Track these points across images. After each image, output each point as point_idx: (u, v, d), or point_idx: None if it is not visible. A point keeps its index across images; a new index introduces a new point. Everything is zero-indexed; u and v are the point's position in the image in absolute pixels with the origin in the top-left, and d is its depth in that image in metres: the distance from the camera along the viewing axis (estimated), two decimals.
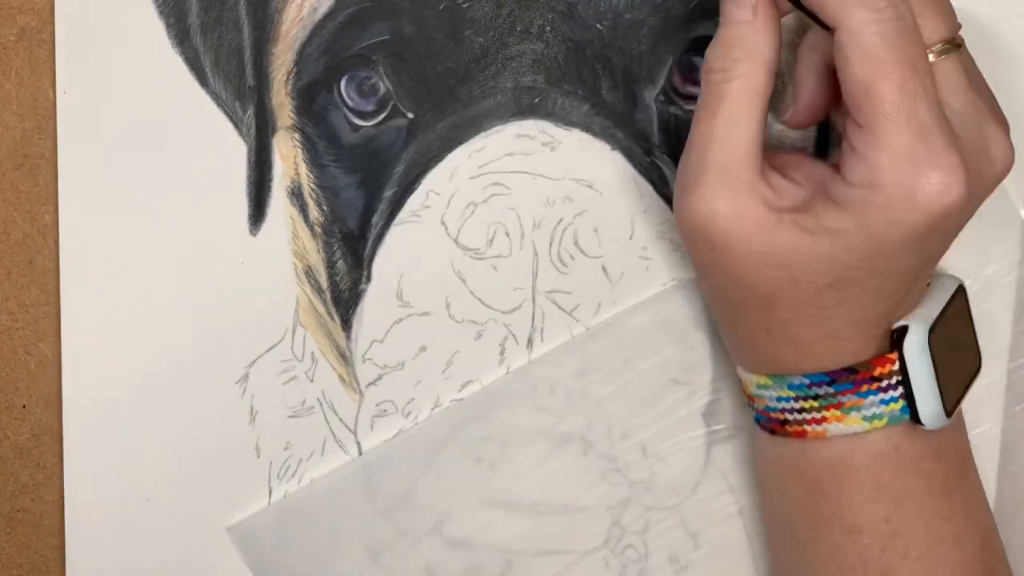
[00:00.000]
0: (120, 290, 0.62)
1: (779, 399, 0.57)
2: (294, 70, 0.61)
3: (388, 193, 0.62)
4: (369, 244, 0.62)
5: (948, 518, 0.57)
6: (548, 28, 0.60)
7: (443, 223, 0.62)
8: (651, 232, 0.63)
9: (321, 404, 0.64)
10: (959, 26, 0.55)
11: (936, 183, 0.51)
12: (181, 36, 0.60)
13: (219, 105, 0.61)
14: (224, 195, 0.62)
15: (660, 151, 0.62)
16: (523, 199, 0.62)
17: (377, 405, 0.64)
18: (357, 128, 0.62)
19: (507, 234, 0.62)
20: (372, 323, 0.63)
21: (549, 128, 0.61)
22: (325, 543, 0.65)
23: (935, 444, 0.57)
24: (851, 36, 0.51)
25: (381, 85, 0.61)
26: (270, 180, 0.62)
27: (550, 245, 0.62)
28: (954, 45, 0.54)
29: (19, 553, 0.65)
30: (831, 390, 0.55)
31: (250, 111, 0.61)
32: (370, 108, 0.61)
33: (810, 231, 0.53)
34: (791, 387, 0.56)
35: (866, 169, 0.52)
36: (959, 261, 0.62)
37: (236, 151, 0.61)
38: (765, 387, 0.57)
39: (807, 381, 0.56)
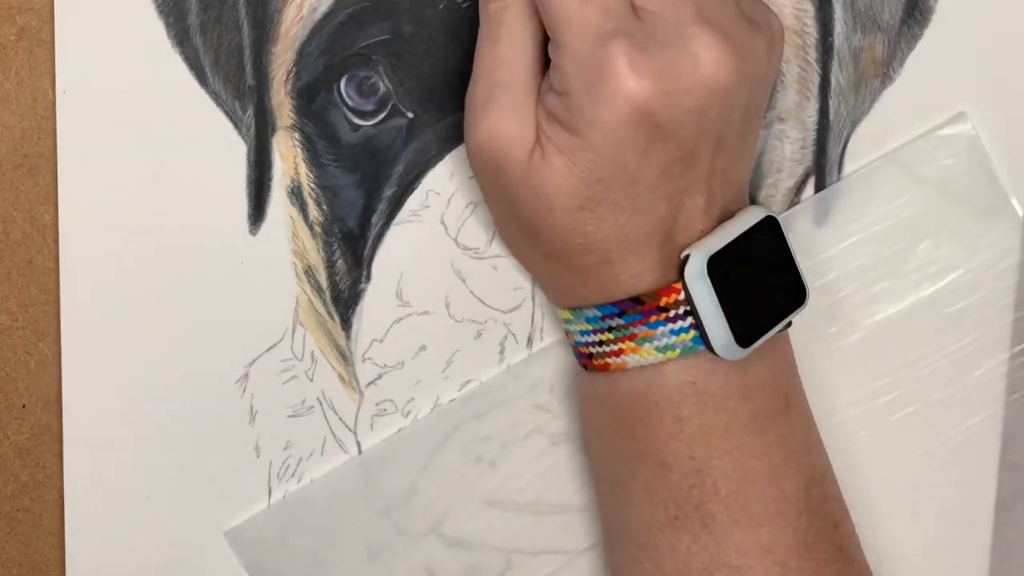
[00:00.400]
0: (120, 290, 0.62)
1: (582, 332, 0.57)
2: (294, 70, 0.61)
3: (388, 193, 0.62)
4: (369, 243, 0.62)
5: (761, 456, 0.56)
6: None
7: (443, 223, 0.62)
8: None
9: (321, 404, 0.64)
10: None
11: (610, 74, 0.52)
12: (181, 35, 0.60)
13: (219, 105, 0.61)
14: (224, 195, 0.62)
15: None
16: None
17: (377, 404, 0.64)
18: (357, 128, 0.62)
19: None
20: (372, 322, 0.63)
21: None
22: (324, 543, 0.65)
23: (741, 381, 0.56)
24: None
25: (381, 85, 0.61)
26: (270, 180, 0.62)
27: None
28: None
29: (19, 553, 0.65)
30: (622, 321, 0.56)
31: (250, 111, 0.61)
32: (370, 108, 0.61)
33: (548, 152, 0.54)
34: (587, 319, 0.57)
35: (558, 76, 0.54)
36: (949, 251, 0.62)
37: (236, 151, 0.61)
38: (569, 322, 0.58)
39: (599, 313, 0.56)
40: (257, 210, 0.62)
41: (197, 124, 0.61)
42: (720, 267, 0.55)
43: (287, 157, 0.62)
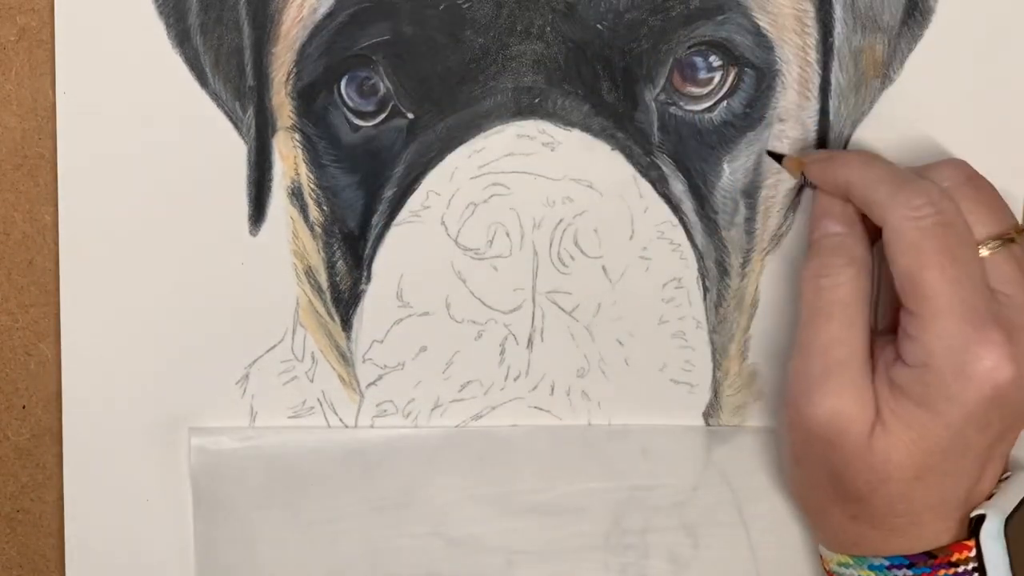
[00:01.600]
0: (120, 290, 0.62)
1: None
2: (294, 70, 0.61)
3: (388, 193, 0.62)
4: (369, 244, 0.62)
5: None
6: (548, 28, 0.60)
7: (443, 223, 0.62)
8: (651, 232, 0.63)
9: (321, 404, 0.64)
10: (1013, 223, 0.59)
11: (983, 359, 0.55)
12: (181, 36, 0.60)
13: (219, 105, 0.61)
14: (224, 195, 0.62)
15: (660, 151, 0.62)
16: (523, 199, 0.62)
17: (377, 405, 0.64)
18: (357, 128, 0.62)
19: (507, 234, 0.62)
20: (372, 323, 0.63)
21: (549, 128, 0.61)
22: (323, 543, 0.65)
23: None
24: (895, 232, 0.56)
25: (381, 85, 0.61)
26: (270, 180, 0.62)
27: (550, 245, 0.62)
28: (1006, 240, 0.58)
29: (19, 553, 0.65)
30: (910, 573, 0.58)
31: (250, 111, 0.61)
32: (370, 108, 0.61)
33: (893, 430, 0.56)
34: (871, 567, 0.59)
35: (920, 351, 0.56)
36: None
37: (236, 151, 0.61)
38: (846, 566, 0.60)
39: (887, 563, 0.58)
40: (257, 211, 0.62)
41: (197, 125, 0.61)
42: (1007, 526, 0.58)
43: (287, 158, 0.62)
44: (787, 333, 0.64)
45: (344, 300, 0.63)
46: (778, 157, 0.62)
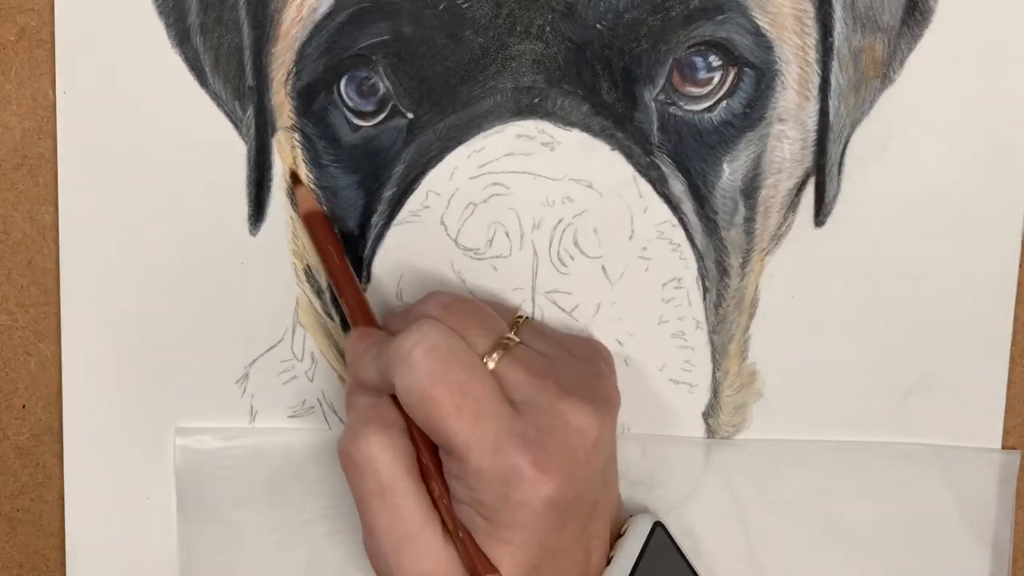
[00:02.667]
0: (120, 290, 0.62)
1: None
2: (294, 70, 0.61)
3: (388, 193, 0.62)
4: (369, 244, 0.62)
5: None
6: (548, 28, 0.60)
7: (443, 223, 0.62)
8: (651, 232, 0.62)
9: (321, 404, 0.64)
10: (506, 325, 0.58)
11: (522, 481, 0.54)
12: (181, 36, 0.60)
13: (219, 105, 0.61)
14: (224, 195, 0.62)
15: (660, 151, 0.62)
16: (523, 199, 0.62)
17: None
18: (357, 128, 0.62)
19: (507, 234, 0.62)
20: None
21: (549, 128, 0.61)
22: (293, 521, 0.65)
23: None
24: (401, 387, 0.55)
25: (381, 85, 0.61)
26: (270, 180, 0.62)
27: (550, 245, 0.62)
28: (504, 345, 0.57)
29: (19, 552, 0.65)
30: None
31: (250, 111, 0.61)
32: (370, 108, 0.61)
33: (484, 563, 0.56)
34: None
35: (467, 490, 0.55)
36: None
37: (236, 151, 0.62)
38: None
39: None
40: (257, 211, 0.62)
41: (197, 125, 0.61)
42: None
43: (287, 158, 0.62)
44: (787, 333, 0.64)
45: None
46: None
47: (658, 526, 0.61)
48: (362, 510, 0.57)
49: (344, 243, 0.62)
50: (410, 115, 0.61)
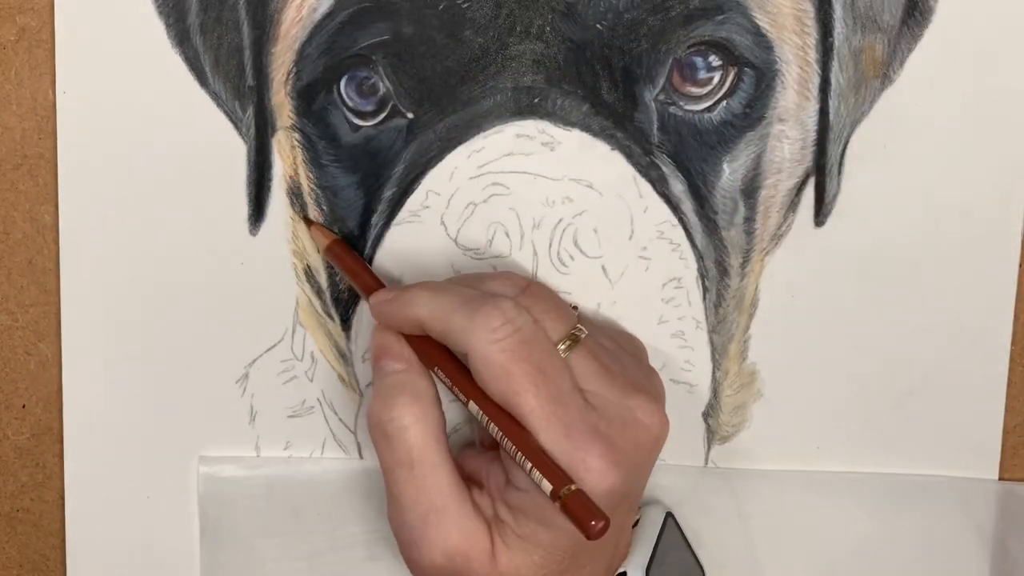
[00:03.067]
0: (119, 290, 0.62)
1: None
2: (294, 70, 0.61)
3: (388, 193, 0.62)
4: (369, 244, 0.62)
5: None
6: (548, 28, 0.60)
7: (443, 223, 0.62)
8: (650, 232, 0.62)
9: (321, 404, 0.64)
10: (575, 317, 0.58)
11: (589, 471, 0.54)
12: (181, 36, 0.60)
13: (219, 105, 0.61)
14: (224, 195, 0.62)
15: (660, 151, 0.62)
16: (523, 199, 0.62)
17: None
18: (357, 128, 0.62)
19: (507, 234, 0.62)
20: (372, 323, 0.63)
21: (549, 128, 0.61)
22: (318, 550, 0.65)
23: None
24: (481, 360, 0.55)
25: (381, 85, 0.61)
26: (270, 180, 0.62)
27: (550, 245, 0.62)
28: (576, 337, 0.57)
29: (19, 553, 0.65)
30: None
31: (250, 111, 0.61)
32: (370, 108, 0.61)
33: (517, 547, 0.56)
34: None
35: (527, 475, 0.55)
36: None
37: (236, 151, 0.61)
38: None
39: None
40: (257, 211, 0.62)
41: (197, 125, 0.61)
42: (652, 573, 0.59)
43: (287, 158, 0.62)
44: (787, 333, 0.64)
45: (343, 300, 0.63)
46: (308, 223, 0.61)
47: (669, 516, 0.62)
48: (389, 480, 0.57)
49: (344, 242, 0.62)
50: (410, 115, 0.61)
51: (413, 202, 0.62)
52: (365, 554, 0.65)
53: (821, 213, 0.64)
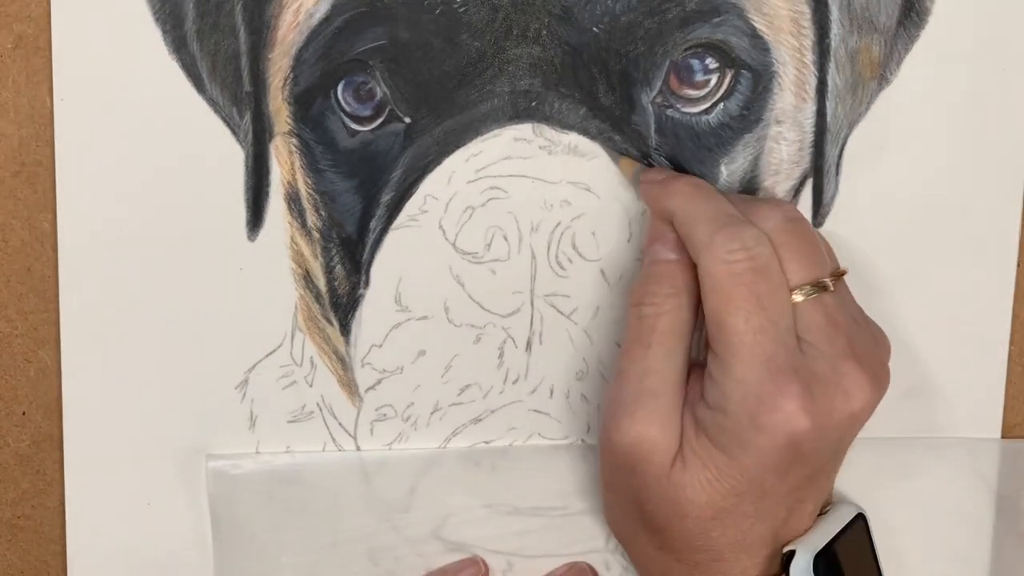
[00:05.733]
0: (119, 297, 0.62)
1: None
2: (291, 75, 0.61)
3: (386, 198, 0.62)
4: (367, 249, 0.62)
5: None
6: (544, 32, 0.60)
7: (441, 227, 0.62)
8: None
9: (320, 409, 0.64)
10: (829, 270, 0.58)
11: (778, 410, 0.55)
12: (177, 42, 0.60)
13: (216, 111, 0.61)
14: (222, 201, 0.62)
15: (657, 153, 0.62)
16: (521, 203, 0.62)
17: (377, 409, 0.64)
18: (354, 133, 0.62)
19: (505, 238, 0.62)
20: (371, 328, 0.63)
21: (546, 131, 0.61)
22: (324, 546, 0.65)
23: None
24: (706, 274, 0.56)
25: (378, 90, 0.61)
26: (268, 186, 0.62)
27: (548, 248, 0.62)
28: (819, 287, 0.57)
29: (20, 560, 0.65)
30: None
31: (247, 117, 0.61)
32: (367, 113, 0.61)
33: (691, 464, 0.57)
34: None
35: (719, 394, 0.56)
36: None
37: (233, 157, 0.61)
38: None
39: None
40: (255, 216, 0.62)
41: (194, 131, 0.61)
42: (818, 562, 0.58)
43: (285, 163, 0.62)
44: None
45: (342, 305, 0.63)
46: (616, 156, 0.62)
47: (860, 517, 0.62)
48: (623, 355, 0.58)
49: (342, 247, 0.62)
50: (407, 119, 0.61)
51: (411, 206, 0.62)
52: (377, 544, 0.65)
53: (819, 214, 0.64)
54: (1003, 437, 0.66)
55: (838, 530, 0.60)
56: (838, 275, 0.59)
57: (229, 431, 0.64)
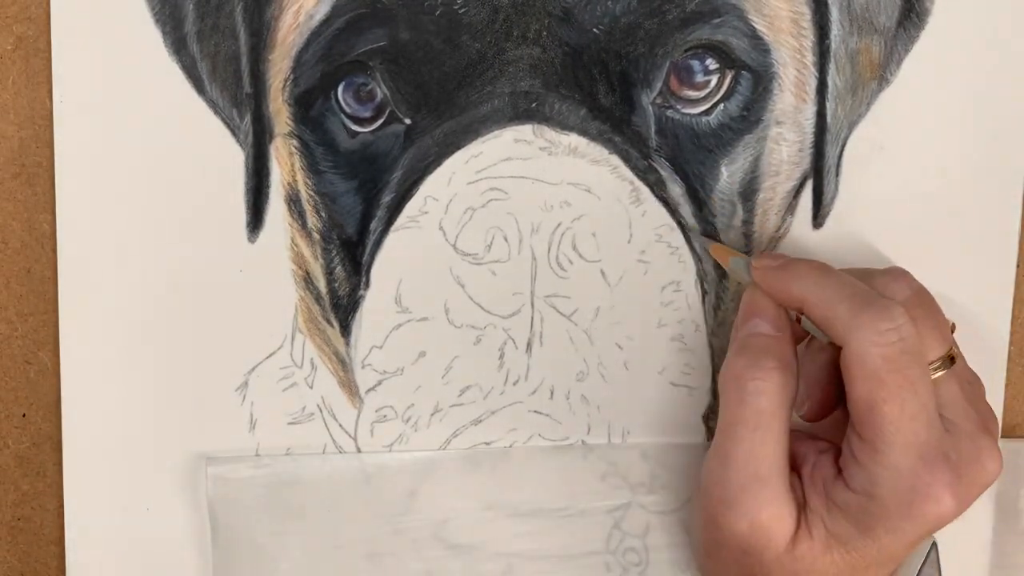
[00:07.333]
0: (118, 298, 0.62)
1: None
2: (291, 77, 0.61)
3: (386, 199, 0.62)
4: (367, 250, 0.62)
5: None
6: (545, 33, 0.61)
7: (441, 228, 0.62)
8: (649, 236, 0.63)
9: (321, 410, 0.64)
10: (952, 340, 0.59)
11: (932, 499, 0.55)
12: (177, 44, 0.60)
13: (216, 113, 0.61)
14: (222, 202, 0.62)
15: (657, 154, 0.62)
16: (521, 204, 0.62)
17: (377, 411, 0.64)
18: (354, 134, 0.62)
19: (505, 239, 0.62)
20: (371, 329, 0.63)
21: (546, 132, 0.61)
22: (324, 548, 0.65)
23: None
24: (856, 356, 0.55)
25: (378, 91, 0.61)
26: (268, 187, 0.62)
27: (548, 249, 0.62)
28: (949, 360, 0.58)
29: (20, 561, 0.65)
30: None
31: (247, 118, 0.61)
32: (367, 114, 0.61)
33: (820, 540, 0.56)
34: None
35: (867, 480, 0.56)
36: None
37: (234, 158, 0.61)
38: None
39: None
40: (255, 218, 0.62)
41: (194, 132, 0.61)
42: None
43: (285, 164, 0.62)
44: None
45: (343, 306, 0.63)
46: (706, 243, 0.62)
47: (935, 547, 0.61)
48: (726, 436, 0.57)
49: (343, 248, 0.62)
50: (408, 121, 0.61)
51: (411, 208, 0.62)
52: (378, 549, 0.65)
53: (819, 215, 0.64)
54: (1003, 437, 0.66)
55: (920, 564, 0.60)
56: (953, 349, 0.59)
57: (229, 433, 0.64)
